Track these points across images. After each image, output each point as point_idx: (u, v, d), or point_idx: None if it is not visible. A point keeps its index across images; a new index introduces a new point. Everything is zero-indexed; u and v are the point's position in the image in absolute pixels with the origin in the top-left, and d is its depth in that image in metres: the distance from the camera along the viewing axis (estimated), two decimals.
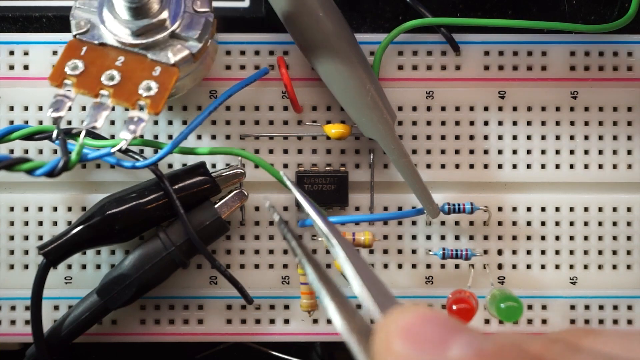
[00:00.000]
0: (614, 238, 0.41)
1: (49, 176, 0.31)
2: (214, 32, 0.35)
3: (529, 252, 0.41)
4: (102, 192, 0.40)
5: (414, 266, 0.41)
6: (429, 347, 0.21)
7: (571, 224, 0.41)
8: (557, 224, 0.41)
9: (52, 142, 0.38)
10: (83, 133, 0.33)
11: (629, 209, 0.41)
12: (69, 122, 0.40)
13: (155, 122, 0.40)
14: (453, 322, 0.21)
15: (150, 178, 0.39)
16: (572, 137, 0.41)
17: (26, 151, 0.40)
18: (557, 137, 0.41)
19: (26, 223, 0.41)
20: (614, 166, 0.41)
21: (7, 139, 0.38)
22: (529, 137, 0.41)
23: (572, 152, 0.41)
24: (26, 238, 0.41)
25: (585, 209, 0.41)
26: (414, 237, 0.41)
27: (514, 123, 0.41)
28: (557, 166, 0.41)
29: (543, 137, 0.41)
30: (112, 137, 0.40)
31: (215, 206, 0.39)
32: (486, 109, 0.41)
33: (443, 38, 0.40)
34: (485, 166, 0.41)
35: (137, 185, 0.39)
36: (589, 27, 0.40)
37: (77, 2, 0.34)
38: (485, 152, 0.41)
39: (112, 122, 0.40)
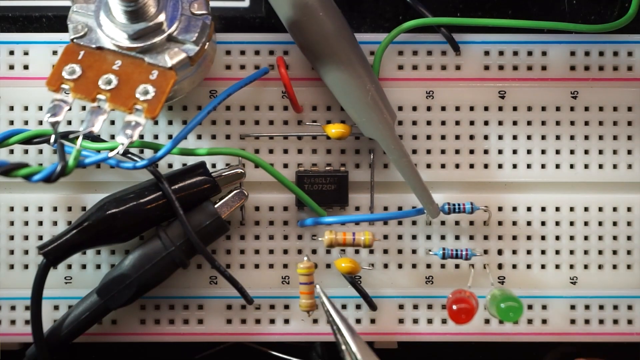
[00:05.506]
0: (614, 238, 0.41)
1: (46, 182, 0.31)
2: (212, 35, 0.35)
3: (529, 252, 0.41)
4: (102, 192, 0.40)
5: (414, 266, 0.41)
6: None
7: (571, 223, 0.41)
8: (557, 223, 0.41)
9: (51, 146, 0.38)
10: (80, 139, 0.33)
11: (629, 209, 0.41)
12: (69, 122, 0.40)
13: (156, 122, 0.40)
14: None
15: (150, 178, 0.39)
16: (572, 137, 0.41)
17: (26, 151, 0.40)
18: (557, 137, 0.41)
19: (26, 223, 0.41)
20: (614, 166, 0.41)
21: (5, 144, 0.38)
22: (529, 137, 0.41)
23: (572, 152, 0.41)
24: (26, 238, 0.41)
25: (586, 209, 0.41)
26: (414, 237, 0.41)
27: (514, 123, 0.41)
28: (557, 166, 0.41)
29: (543, 137, 0.41)
30: (112, 137, 0.40)
31: (215, 206, 0.39)
32: (486, 109, 0.41)
33: (443, 38, 0.40)
34: (485, 166, 0.41)
35: (137, 185, 0.39)
36: (589, 27, 0.40)
37: (74, 5, 0.34)
38: (485, 152, 0.41)
39: (112, 122, 0.40)
